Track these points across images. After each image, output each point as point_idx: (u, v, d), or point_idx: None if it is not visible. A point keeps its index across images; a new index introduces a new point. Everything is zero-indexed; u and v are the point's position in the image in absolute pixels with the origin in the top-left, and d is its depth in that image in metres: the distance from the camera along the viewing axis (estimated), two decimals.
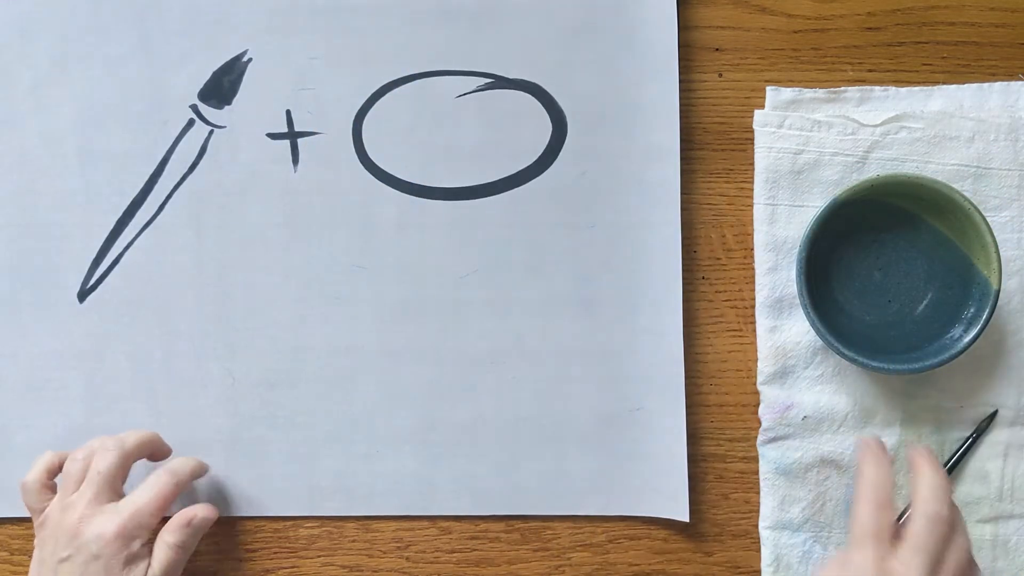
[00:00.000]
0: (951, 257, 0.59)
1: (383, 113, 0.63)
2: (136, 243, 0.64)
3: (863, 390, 0.61)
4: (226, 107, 0.63)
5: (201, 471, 0.62)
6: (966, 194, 0.58)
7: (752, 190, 0.62)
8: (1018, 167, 0.61)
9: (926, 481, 0.53)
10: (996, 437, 0.61)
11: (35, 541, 0.58)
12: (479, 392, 0.63)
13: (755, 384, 0.62)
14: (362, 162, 0.63)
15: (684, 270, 0.62)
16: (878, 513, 0.52)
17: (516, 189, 0.63)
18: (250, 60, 0.63)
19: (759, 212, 0.62)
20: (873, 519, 0.52)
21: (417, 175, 0.63)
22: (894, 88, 0.62)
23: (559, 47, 0.63)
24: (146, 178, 0.64)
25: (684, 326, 0.62)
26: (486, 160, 0.63)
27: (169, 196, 0.64)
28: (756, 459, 0.62)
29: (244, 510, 0.63)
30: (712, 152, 0.63)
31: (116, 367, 0.64)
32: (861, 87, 0.62)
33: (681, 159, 0.62)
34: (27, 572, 0.58)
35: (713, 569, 0.63)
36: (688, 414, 0.62)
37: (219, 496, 0.63)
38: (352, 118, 0.63)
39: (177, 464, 0.60)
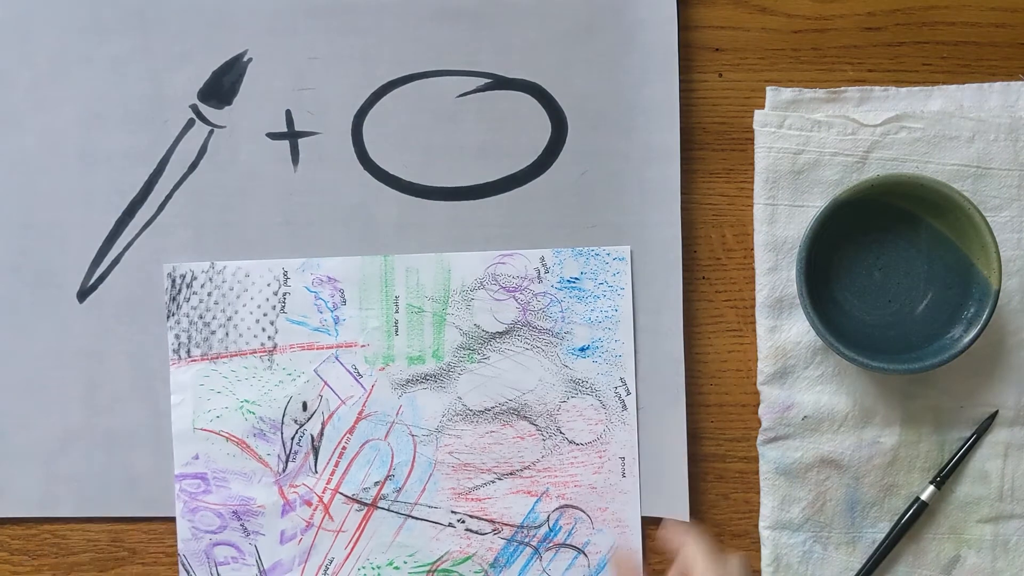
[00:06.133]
0: (951, 257, 0.59)
1: (383, 113, 0.63)
2: (136, 243, 0.64)
3: (863, 390, 0.61)
4: (226, 107, 0.63)
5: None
6: (966, 194, 0.58)
7: (752, 190, 0.62)
8: (1018, 167, 0.61)
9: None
10: (996, 437, 0.61)
11: None
12: None
13: (755, 384, 0.62)
14: (362, 162, 0.63)
15: (684, 270, 0.62)
16: None
17: (516, 189, 0.63)
18: (250, 60, 0.63)
19: (759, 212, 0.62)
20: None
21: (417, 175, 0.63)
22: (894, 88, 0.62)
23: (559, 47, 0.63)
24: (146, 178, 0.63)
25: (684, 326, 0.62)
26: (486, 160, 0.63)
27: (169, 196, 0.64)
28: (756, 459, 0.62)
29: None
30: (712, 152, 0.63)
31: (116, 367, 0.64)
32: (861, 87, 0.62)
33: (681, 159, 0.62)
34: (27, 572, 0.58)
35: None
36: (688, 414, 0.62)
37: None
38: (352, 118, 0.63)
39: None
